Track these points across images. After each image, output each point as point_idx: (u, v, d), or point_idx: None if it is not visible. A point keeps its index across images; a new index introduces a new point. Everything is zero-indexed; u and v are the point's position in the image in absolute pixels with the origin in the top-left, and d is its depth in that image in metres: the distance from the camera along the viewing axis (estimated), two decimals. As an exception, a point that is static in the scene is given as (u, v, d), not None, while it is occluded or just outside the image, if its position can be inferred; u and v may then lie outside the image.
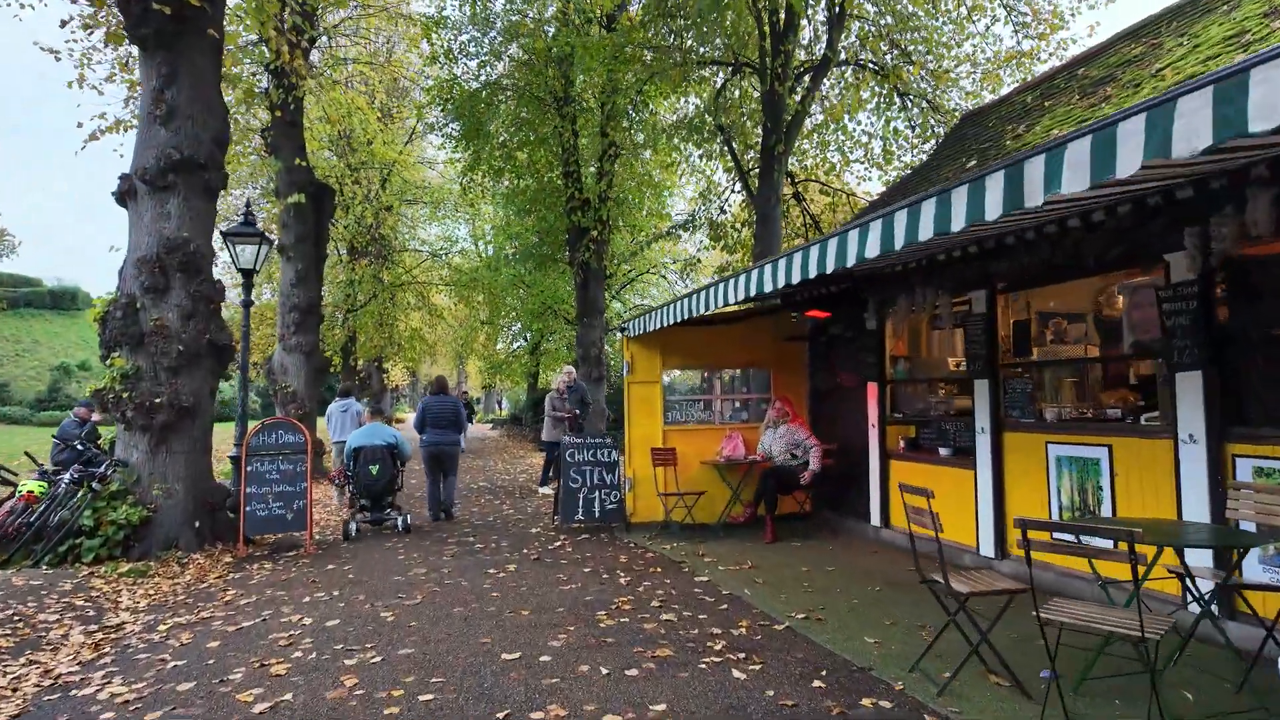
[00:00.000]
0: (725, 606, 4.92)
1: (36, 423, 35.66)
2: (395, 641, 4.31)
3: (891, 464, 7.09)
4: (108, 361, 6.80)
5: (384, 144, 19.22)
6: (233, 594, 5.50)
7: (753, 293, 5.17)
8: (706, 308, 6.10)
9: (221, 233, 8.35)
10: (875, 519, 7.19)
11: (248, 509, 7.11)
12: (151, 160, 6.80)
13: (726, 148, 11.26)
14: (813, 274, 4.24)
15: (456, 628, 4.56)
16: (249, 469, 7.24)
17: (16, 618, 4.69)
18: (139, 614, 5.06)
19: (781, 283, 4.63)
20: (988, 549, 5.81)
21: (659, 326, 7.09)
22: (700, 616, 4.70)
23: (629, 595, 5.23)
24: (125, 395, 6.55)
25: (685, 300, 6.50)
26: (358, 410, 10.31)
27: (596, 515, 7.85)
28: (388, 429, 8.29)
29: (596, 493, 7.91)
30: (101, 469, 6.63)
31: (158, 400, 6.59)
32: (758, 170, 10.74)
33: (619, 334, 8.03)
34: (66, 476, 6.53)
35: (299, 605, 5.16)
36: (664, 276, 24.67)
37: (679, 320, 6.68)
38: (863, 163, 13.13)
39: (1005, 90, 10.61)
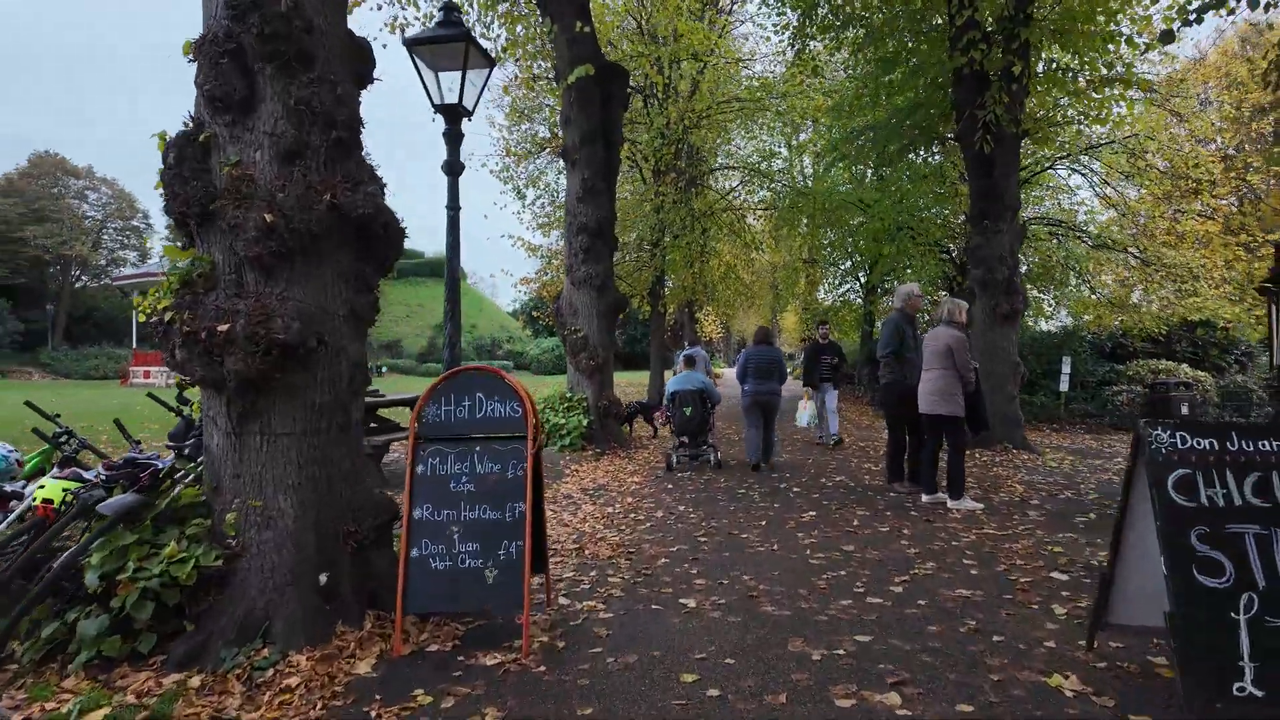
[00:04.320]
0: None
1: (420, 373, 41.01)
2: None
3: None
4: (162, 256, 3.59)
5: (689, 30, 15.22)
6: None
7: None
8: None
9: (405, 42, 4.80)
10: None
11: (412, 554, 3.43)
12: None
13: None
14: None
15: None
16: (417, 471, 3.56)
17: None
18: None
19: None
20: None
21: None
22: None
23: None
24: (174, 318, 3.21)
25: None
26: (704, 356, 10.11)
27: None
28: (698, 375, 8.81)
29: (1284, 608, 2.62)
30: (156, 463, 3.48)
31: (222, 327, 3.13)
32: None
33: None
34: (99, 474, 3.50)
35: None
36: (1086, 168, 16.51)
37: None
38: None
39: None
